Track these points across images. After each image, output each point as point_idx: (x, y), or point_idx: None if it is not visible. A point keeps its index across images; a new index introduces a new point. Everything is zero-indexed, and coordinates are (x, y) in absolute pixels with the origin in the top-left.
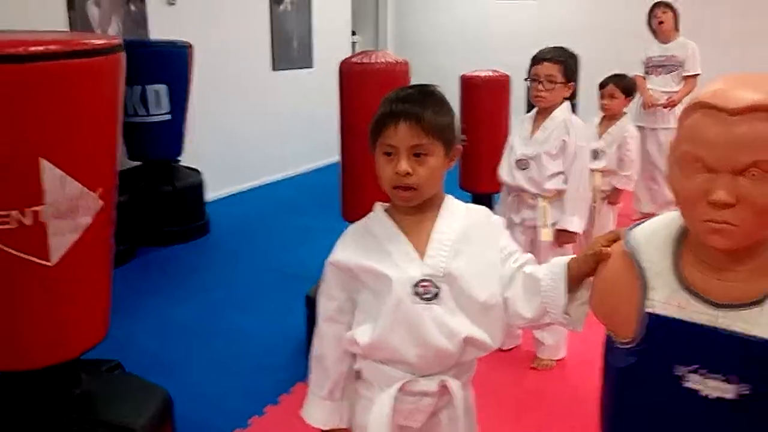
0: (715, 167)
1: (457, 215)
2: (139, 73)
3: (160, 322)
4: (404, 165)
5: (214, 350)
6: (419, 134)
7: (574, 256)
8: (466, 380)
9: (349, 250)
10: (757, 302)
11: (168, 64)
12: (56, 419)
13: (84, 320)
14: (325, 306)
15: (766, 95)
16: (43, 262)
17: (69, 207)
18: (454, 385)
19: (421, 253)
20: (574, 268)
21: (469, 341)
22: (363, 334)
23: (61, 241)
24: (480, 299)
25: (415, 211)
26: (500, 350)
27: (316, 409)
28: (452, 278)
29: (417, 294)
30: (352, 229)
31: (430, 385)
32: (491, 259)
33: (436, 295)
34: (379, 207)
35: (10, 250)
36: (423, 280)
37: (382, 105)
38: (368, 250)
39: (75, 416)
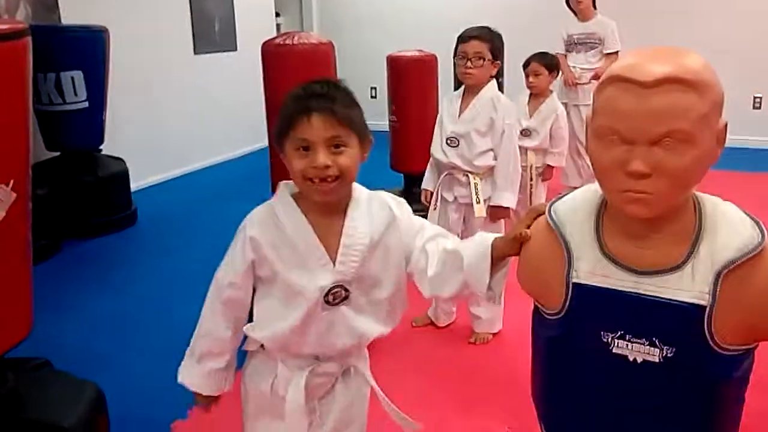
0: (630, 138)
1: (365, 213)
2: (53, 59)
3: (89, 316)
4: (322, 158)
5: (147, 342)
6: (335, 126)
7: (500, 235)
8: (364, 352)
9: (264, 239)
10: (676, 267)
11: (83, 50)
12: None
13: (5, 318)
14: (229, 274)
15: (677, 67)
16: None
17: None
18: (355, 362)
19: (332, 255)
20: (498, 248)
21: (373, 337)
22: (266, 335)
23: None
24: (384, 296)
25: (325, 203)
26: (436, 326)
27: (213, 378)
28: (361, 280)
29: (327, 302)
30: (262, 215)
31: (333, 367)
32: (396, 256)
33: (345, 298)
34: (286, 193)
35: None
36: (334, 287)
37: (291, 101)
38: (280, 248)
39: (2, 416)
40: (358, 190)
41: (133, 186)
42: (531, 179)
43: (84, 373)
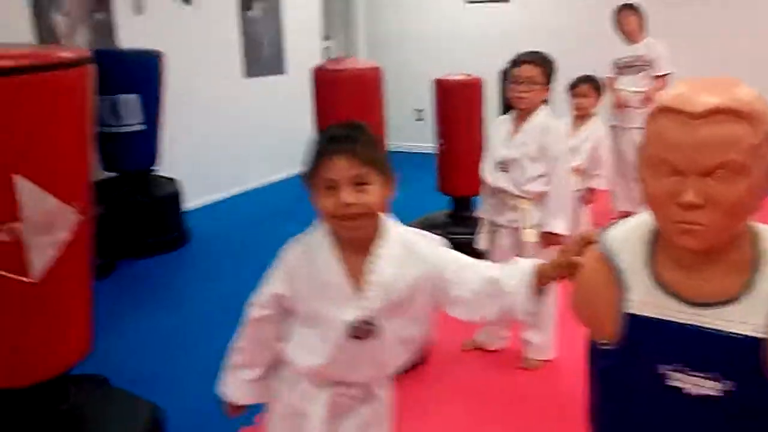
0: (682, 169)
1: (392, 250)
2: (111, 83)
3: (144, 335)
4: (345, 195)
5: (200, 361)
6: (356, 165)
7: (540, 264)
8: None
9: (298, 270)
10: (732, 299)
11: (139, 74)
12: None
13: (68, 336)
14: (261, 296)
15: (727, 98)
16: (24, 279)
17: (46, 222)
18: (377, 389)
19: (358, 288)
20: (543, 273)
21: (396, 368)
22: (296, 361)
23: (40, 257)
24: (411, 332)
25: (352, 239)
26: (487, 350)
27: (243, 388)
28: (387, 316)
29: (351, 335)
30: (298, 247)
31: (356, 392)
32: (424, 291)
33: (370, 333)
34: (320, 229)
35: None
36: (359, 322)
37: (316, 144)
38: (311, 280)
39: (62, 431)
40: (387, 225)
41: (186, 206)
42: None
43: (139, 391)
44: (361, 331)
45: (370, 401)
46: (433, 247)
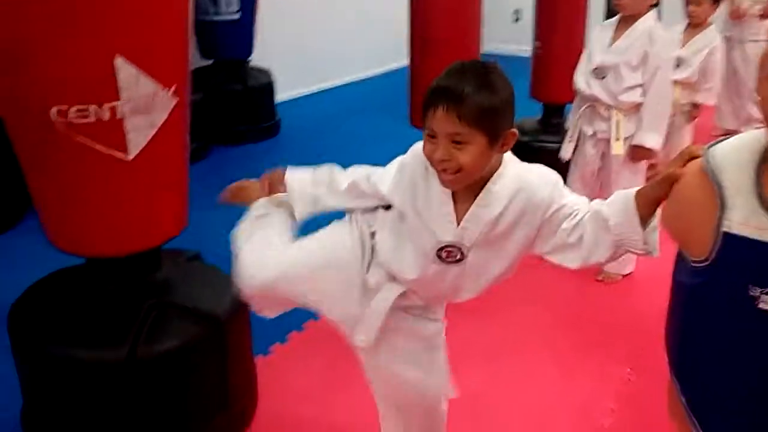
0: None
1: (504, 189)
2: None
3: (235, 217)
4: (440, 153)
5: None
6: (456, 124)
7: (639, 188)
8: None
9: (401, 192)
10: None
11: None
12: (137, 303)
13: (163, 211)
14: (371, 176)
15: None
16: (122, 156)
17: (144, 103)
18: (437, 312)
19: (460, 218)
20: (643, 196)
21: (463, 300)
22: (395, 266)
23: (138, 136)
24: (495, 272)
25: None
26: None
27: (306, 194)
28: (478, 250)
29: (439, 257)
30: (414, 170)
31: (419, 302)
32: (523, 237)
33: (459, 260)
34: None
35: (91, 143)
36: (448, 246)
37: (431, 87)
38: (418, 192)
39: (155, 301)
40: (508, 164)
41: (278, 98)
42: (673, 115)
43: (228, 268)
44: (449, 254)
45: (426, 320)
46: (549, 188)
